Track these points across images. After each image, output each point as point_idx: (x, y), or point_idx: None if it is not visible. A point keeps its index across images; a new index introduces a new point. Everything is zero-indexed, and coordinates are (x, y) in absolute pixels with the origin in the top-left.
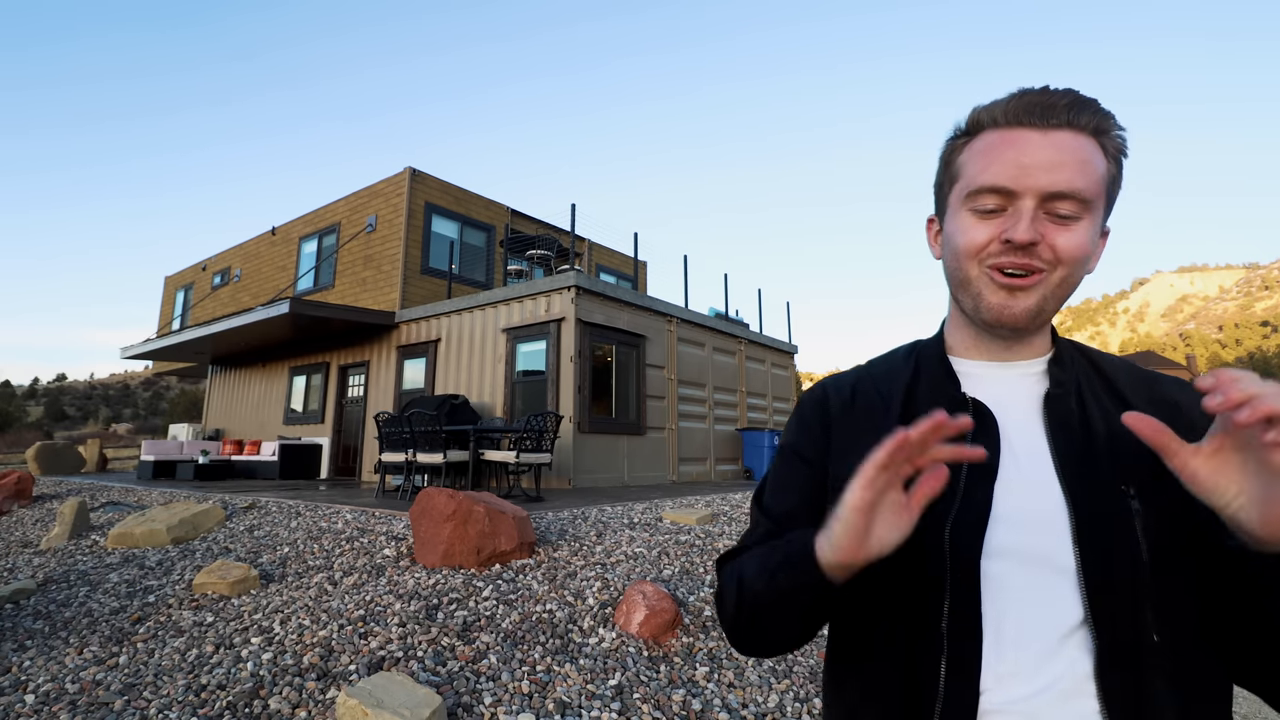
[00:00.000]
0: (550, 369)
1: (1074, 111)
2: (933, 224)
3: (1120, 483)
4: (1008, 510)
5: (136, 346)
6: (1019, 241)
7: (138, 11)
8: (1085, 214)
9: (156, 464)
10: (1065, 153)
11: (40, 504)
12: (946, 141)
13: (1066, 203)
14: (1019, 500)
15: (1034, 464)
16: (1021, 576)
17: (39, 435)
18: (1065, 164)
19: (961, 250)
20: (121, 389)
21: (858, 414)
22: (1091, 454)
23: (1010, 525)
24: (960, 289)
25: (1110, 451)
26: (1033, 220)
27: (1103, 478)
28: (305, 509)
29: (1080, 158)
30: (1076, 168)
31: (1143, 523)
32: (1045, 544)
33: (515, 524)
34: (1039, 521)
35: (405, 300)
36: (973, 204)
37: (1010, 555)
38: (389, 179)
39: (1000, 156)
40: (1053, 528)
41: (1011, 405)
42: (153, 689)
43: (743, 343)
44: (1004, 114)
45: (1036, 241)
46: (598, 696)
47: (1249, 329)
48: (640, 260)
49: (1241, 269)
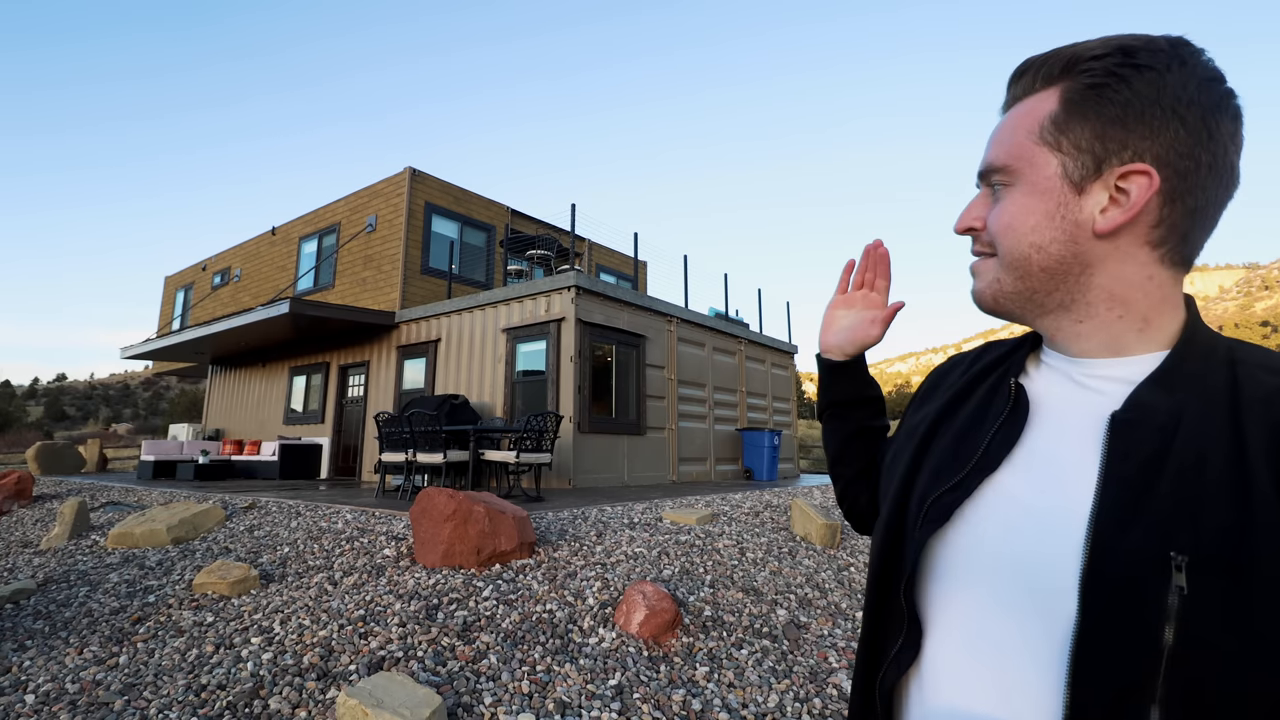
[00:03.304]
0: (550, 369)
1: (1014, 83)
2: None
3: (1171, 548)
4: (1002, 509)
5: (136, 346)
6: (956, 230)
7: (137, 12)
8: (1016, 180)
9: (156, 464)
10: (999, 130)
11: (40, 504)
12: None
13: (994, 175)
14: (1019, 508)
15: (1063, 480)
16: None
17: (39, 435)
18: (994, 140)
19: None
20: (121, 389)
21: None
22: (1142, 501)
23: (996, 525)
24: None
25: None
26: (980, 205)
27: (1150, 533)
28: (305, 509)
29: (1010, 125)
30: (999, 140)
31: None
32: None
33: (515, 524)
34: (1035, 535)
35: (405, 300)
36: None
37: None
38: (389, 179)
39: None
40: (1051, 554)
41: (1063, 408)
42: (153, 689)
43: (743, 343)
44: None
45: (970, 228)
46: (598, 696)
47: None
48: (640, 260)
49: (1241, 269)
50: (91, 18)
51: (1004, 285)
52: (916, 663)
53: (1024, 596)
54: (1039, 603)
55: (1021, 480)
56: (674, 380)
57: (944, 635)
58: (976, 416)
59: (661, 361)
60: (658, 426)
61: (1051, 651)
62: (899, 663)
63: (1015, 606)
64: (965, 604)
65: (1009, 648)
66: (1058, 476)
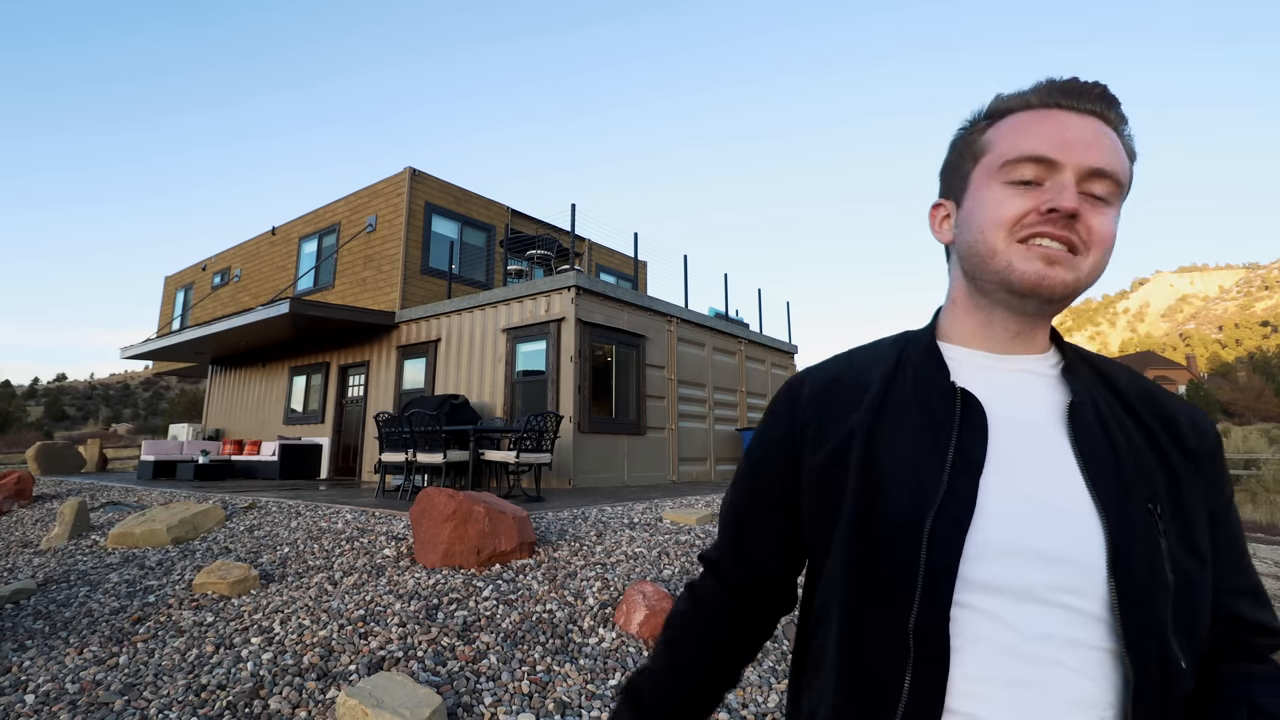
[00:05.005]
0: (550, 369)
1: (1105, 102)
2: (940, 208)
3: (1149, 500)
4: (1004, 510)
5: (136, 346)
6: (1065, 209)
7: (136, 13)
8: (1116, 199)
9: (156, 464)
10: (1101, 135)
11: (40, 504)
12: (964, 127)
13: (1104, 182)
14: (1023, 503)
15: (1049, 468)
16: (1018, 582)
17: (39, 435)
18: (1103, 144)
19: (991, 221)
20: (121, 389)
21: (832, 402)
22: (1119, 470)
23: (1007, 526)
24: (985, 261)
25: (1135, 467)
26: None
27: (1134, 496)
28: (305, 509)
29: (1113, 143)
30: (1112, 149)
31: (1168, 544)
32: (1061, 552)
33: (515, 524)
34: (1050, 525)
35: (405, 300)
36: (1007, 175)
37: (1004, 558)
38: (389, 179)
39: (1039, 129)
40: (1072, 536)
41: (1010, 402)
42: (153, 689)
43: (743, 343)
44: (1036, 96)
45: (1080, 212)
46: (598, 696)
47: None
48: (640, 260)
49: (1241, 269)
50: (92, 18)
51: (1080, 287)
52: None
53: (1056, 582)
54: (1072, 581)
55: (1012, 476)
56: (674, 380)
57: (971, 648)
58: (925, 426)
59: (661, 361)
60: (658, 426)
61: (1094, 625)
62: (918, 694)
63: (1046, 595)
64: (994, 610)
65: (1049, 634)
66: (1044, 464)
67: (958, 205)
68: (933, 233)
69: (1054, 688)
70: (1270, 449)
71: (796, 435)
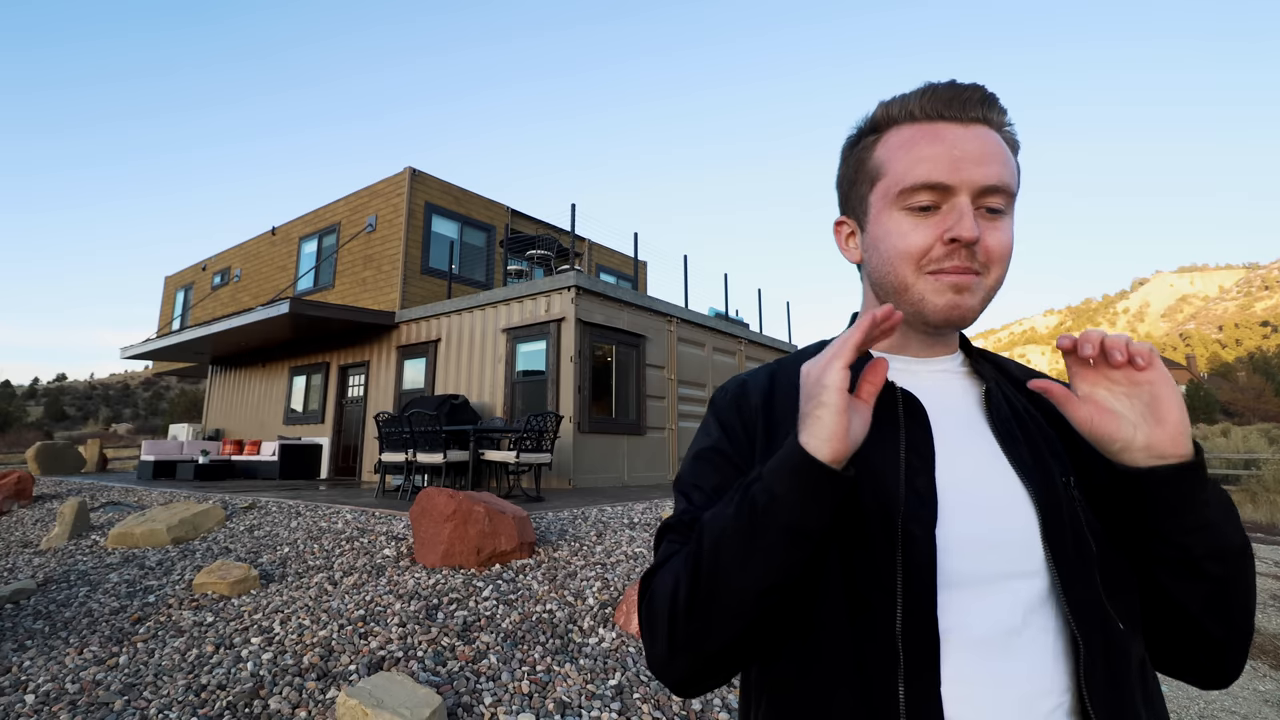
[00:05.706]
0: (550, 369)
1: (986, 106)
2: (844, 225)
3: (1061, 475)
4: (957, 502)
5: (136, 346)
6: (966, 239)
7: (136, 13)
8: (1009, 206)
9: (156, 464)
10: (989, 145)
11: (40, 504)
12: (851, 138)
13: (997, 197)
14: (970, 492)
15: (981, 456)
16: (978, 573)
17: (39, 435)
18: (992, 157)
19: (899, 255)
20: (121, 389)
21: (777, 405)
22: (1035, 448)
23: (964, 517)
24: (897, 295)
25: (1045, 447)
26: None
27: (1050, 471)
28: (305, 509)
29: (1001, 151)
30: (1001, 161)
31: (1085, 514)
32: (1007, 537)
33: (515, 524)
34: (996, 511)
35: (405, 300)
36: (905, 202)
37: (965, 550)
38: (389, 179)
39: (928, 151)
40: (1013, 519)
41: (938, 398)
42: (153, 689)
43: (743, 343)
44: (919, 108)
45: (979, 238)
46: (598, 696)
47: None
48: (640, 260)
49: (1241, 269)
50: (92, 18)
51: (987, 303)
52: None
53: (1008, 569)
54: (1018, 564)
55: (955, 468)
56: (674, 380)
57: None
58: (872, 428)
59: (661, 361)
60: (658, 426)
61: (1042, 606)
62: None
63: (1000, 579)
64: (962, 604)
65: (1009, 623)
66: (977, 454)
67: (860, 227)
68: (841, 252)
69: (1022, 677)
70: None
71: (750, 431)
